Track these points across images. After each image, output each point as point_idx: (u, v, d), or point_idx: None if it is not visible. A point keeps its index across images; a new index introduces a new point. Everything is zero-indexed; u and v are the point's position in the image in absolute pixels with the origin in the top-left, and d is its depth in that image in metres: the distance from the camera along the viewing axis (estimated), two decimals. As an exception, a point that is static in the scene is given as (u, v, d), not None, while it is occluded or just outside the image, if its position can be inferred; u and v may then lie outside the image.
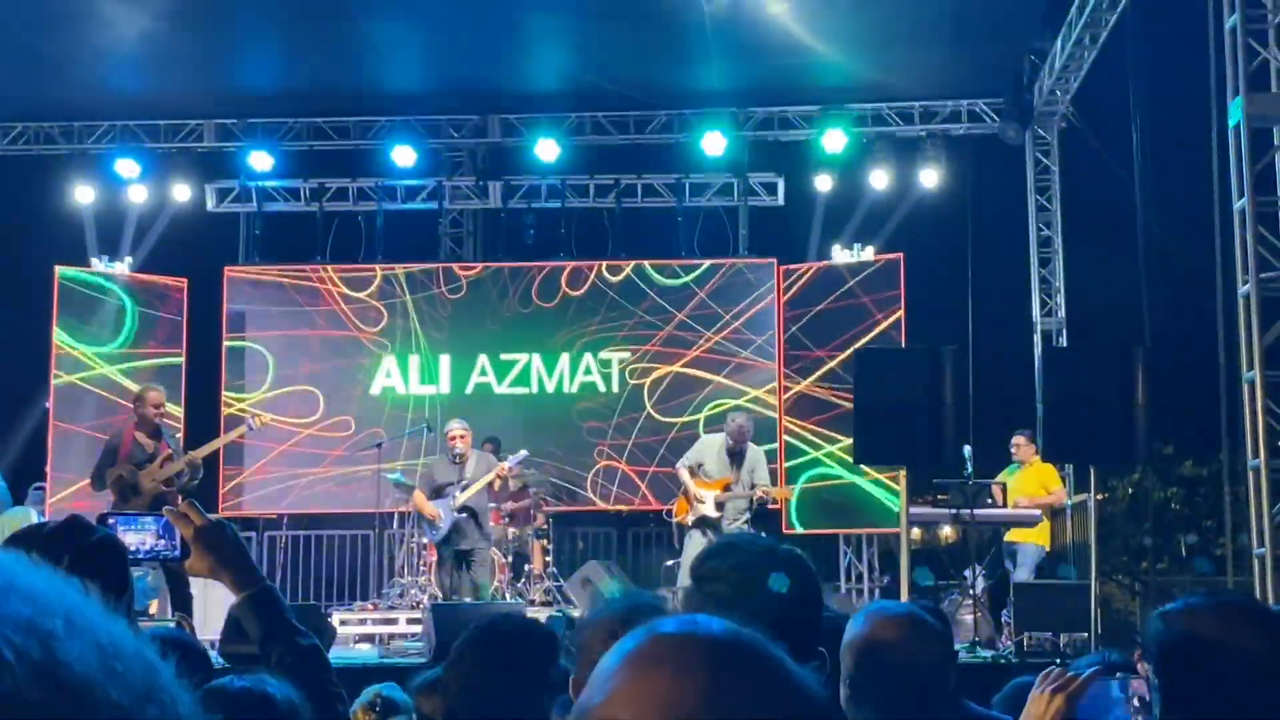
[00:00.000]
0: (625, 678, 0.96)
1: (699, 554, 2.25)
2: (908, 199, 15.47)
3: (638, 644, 1.01)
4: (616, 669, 0.98)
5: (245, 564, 2.67)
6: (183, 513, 2.65)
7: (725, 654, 1.00)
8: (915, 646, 2.84)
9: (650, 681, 0.95)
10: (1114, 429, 9.90)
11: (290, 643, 2.53)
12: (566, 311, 15.37)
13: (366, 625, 12.62)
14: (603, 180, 15.95)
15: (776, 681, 0.99)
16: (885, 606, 3.03)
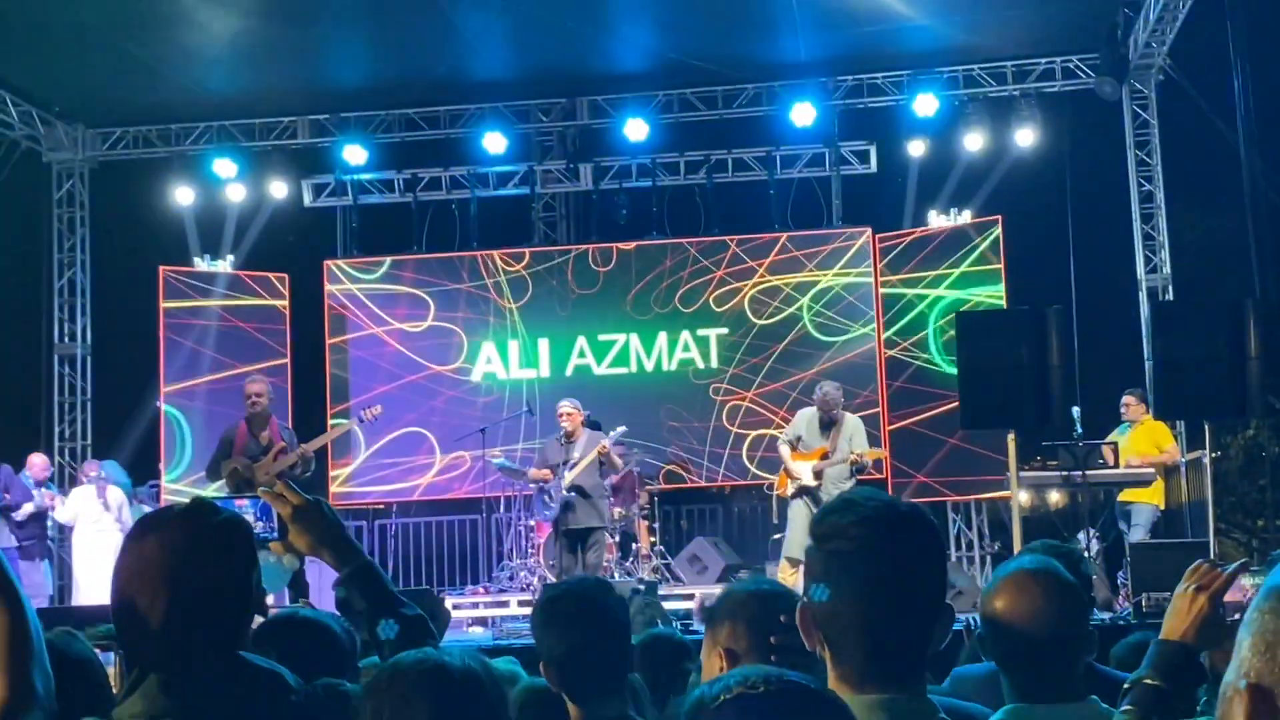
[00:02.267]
0: None
1: (819, 511, 2.22)
2: (1004, 160, 15.25)
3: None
4: None
5: (344, 540, 2.70)
6: (279, 493, 2.68)
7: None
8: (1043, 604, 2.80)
9: None
10: (1226, 383, 9.72)
11: (396, 614, 2.56)
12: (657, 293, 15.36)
13: (479, 609, 12.75)
14: (693, 157, 15.90)
15: None
16: (1020, 562, 2.97)
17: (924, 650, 2.13)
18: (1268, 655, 1.20)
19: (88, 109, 15.70)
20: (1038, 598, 2.76)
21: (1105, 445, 11.29)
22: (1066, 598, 2.81)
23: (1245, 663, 1.22)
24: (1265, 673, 1.19)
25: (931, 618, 2.12)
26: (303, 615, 3.24)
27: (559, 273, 15.57)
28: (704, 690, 1.43)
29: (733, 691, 1.41)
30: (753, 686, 1.41)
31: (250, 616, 2.24)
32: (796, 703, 1.42)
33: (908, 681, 2.10)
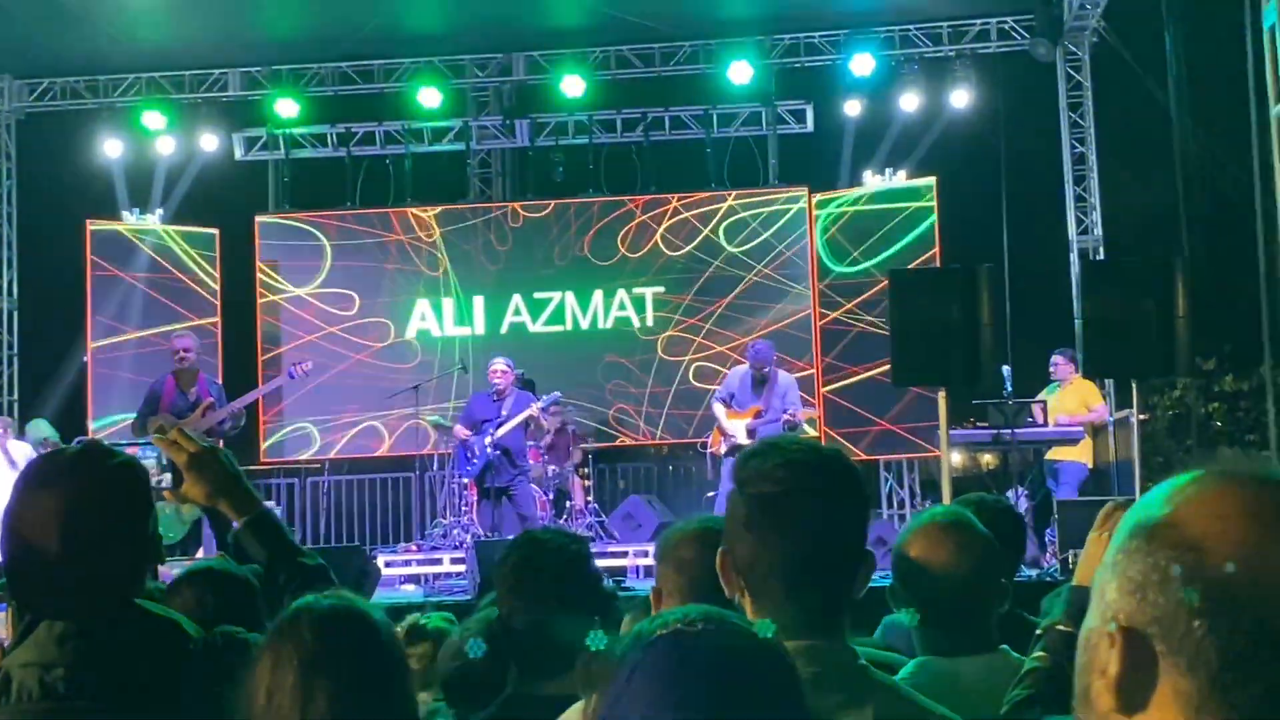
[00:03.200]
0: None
1: (741, 455, 2.19)
2: (939, 121, 15.29)
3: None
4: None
5: (242, 489, 2.62)
6: (173, 440, 2.61)
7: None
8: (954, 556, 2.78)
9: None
10: (1154, 343, 9.78)
11: (296, 564, 2.50)
12: (596, 251, 15.29)
13: (411, 566, 12.69)
14: (630, 114, 15.82)
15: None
16: (932, 513, 2.95)
17: (845, 597, 2.11)
18: (1139, 596, 1.16)
19: (14, 59, 15.39)
20: (949, 549, 2.75)
21: (1035, 404, 11.39)
22: (978, 549, 2.79)
23: (1112, 605, 1.18)
24: (1137, 614, 1.16)
25: (854, 564, 2.10)
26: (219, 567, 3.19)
27: (494, 230, 15.46)
28: (642, 626, 1.41)
29: (669, 628, 1.39)
30: (690, 624, 1.39)
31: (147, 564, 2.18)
32: (732, 643, 1.40)
33: (829, 628, 2.08)
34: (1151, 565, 1.15)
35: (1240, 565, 1.11)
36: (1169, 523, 1.17)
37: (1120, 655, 1.16)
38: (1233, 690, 1.11)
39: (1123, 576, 1.18)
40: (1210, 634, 1.11)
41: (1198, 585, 1.12)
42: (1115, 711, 1.17)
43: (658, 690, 1.33)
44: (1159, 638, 1.14)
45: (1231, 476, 1.19)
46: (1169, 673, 1.13)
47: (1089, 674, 1.19)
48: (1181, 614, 1.13)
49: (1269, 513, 1.14)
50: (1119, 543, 1.21)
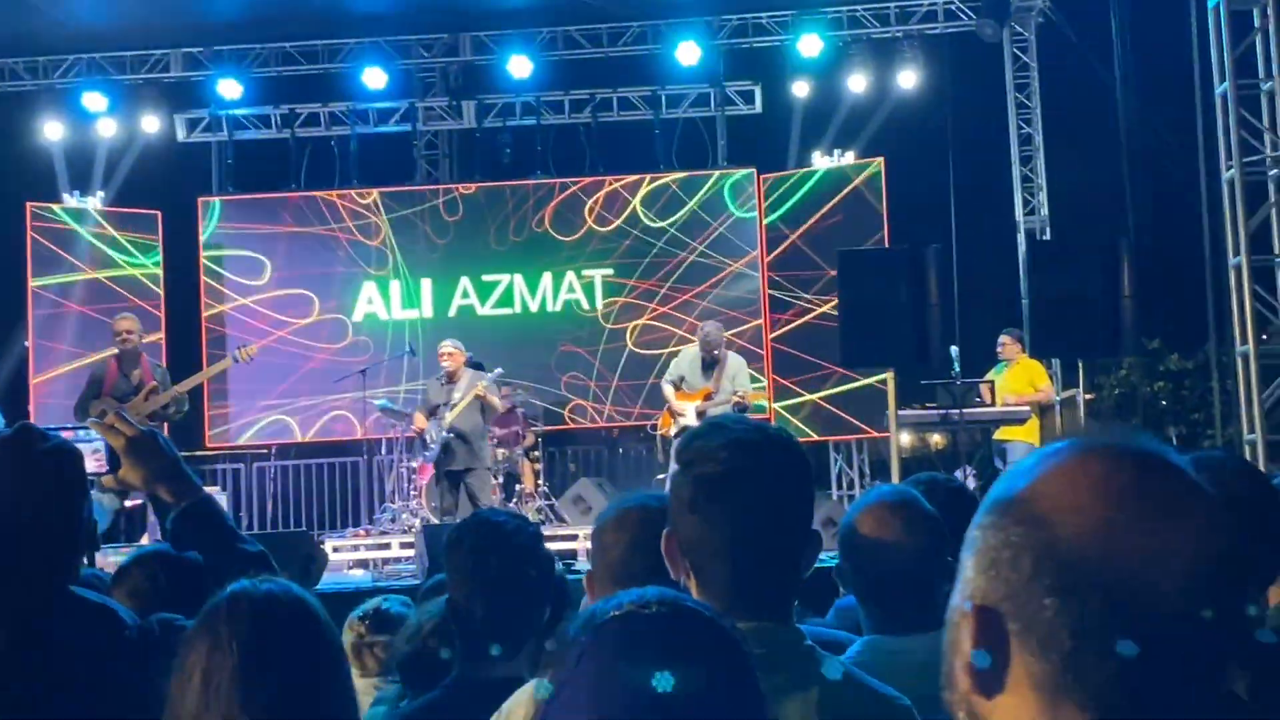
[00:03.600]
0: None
1: (685, 436, 2.17)
2: (887, 102, 15.31)
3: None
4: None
5: (180, 475, 2.58)
6: (110, 424, 2.55)
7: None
8: (902, 535, 2.77)
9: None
10: (1101, 323, 9.85)
11: (235, 551, 2.47)
12: (542, 233, 15.23)
13: (359, 551, 12.62)
14: (578, 95, 15.75)
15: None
16: (880, 492, 2.94)
17: (792, 578, 2.10)
18: (992, 573, 1.13)
19: (-49, 40, 15.14)
20: (897, 527, 2.74)
21: (982, 384, 11.45)
22: (925, 528, 2.78)
23: (969, 584, 1.15)
24: (990, 592, 1.12)
25: (800, 544, 2.09)
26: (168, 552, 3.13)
27: (441, 212, 15.37)
28: (596, 607, 1.39)
29: (624, 609, 1.36)
30: (645, 606, 1.37)
31: (80, 551, 2.13)
32: (688, 625, 1.37)
33: (776, 609, 2.07)
34: (1003, 542, 1.12)
35: (1090, 542, 1.09)
36: (1023, 498, 1.14)
37: (973, 635, 1.13)
38: (1086, 670, 1.08)
39: (978, 553, 1.15)
40: (1061, 613, 1.08)
41: (1048, 563, 1.09)
42: (973, 693, 1.14)
43: (609, 673, 1.31)
44: (1011, 617, 1.11)
45: (1089, 450, 1.15)
46: (1022, 653, 1.11)
47: (951, 654, 1.16)
48: (1032, 593, 1.09)
49: (1121, 487, 1.11)
50: (977, 519, 1.18)
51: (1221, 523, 1.12)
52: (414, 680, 3.16)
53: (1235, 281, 10.67)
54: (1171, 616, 1.08)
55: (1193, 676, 1.09)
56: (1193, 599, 1.08)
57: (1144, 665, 1.07)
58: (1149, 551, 1.08)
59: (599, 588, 2.43)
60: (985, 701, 1.13)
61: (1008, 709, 1.12)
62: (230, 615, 1.93)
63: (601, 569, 2.46)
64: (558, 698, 1.33)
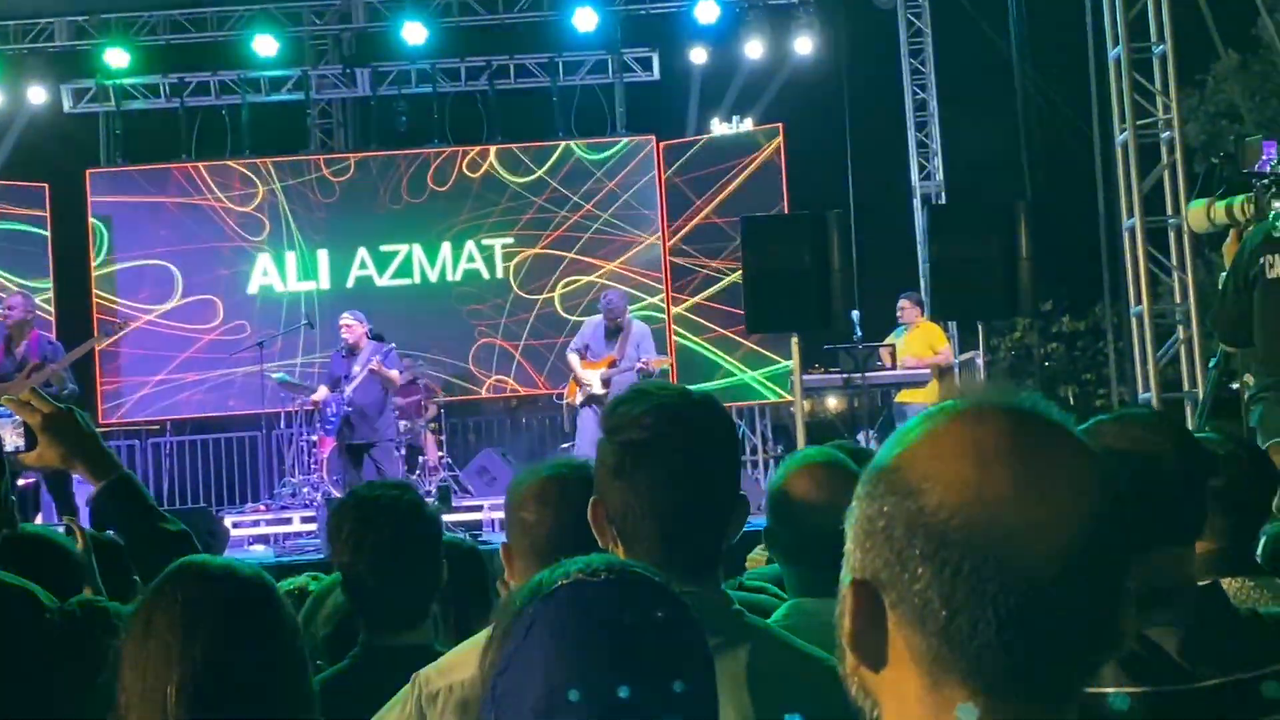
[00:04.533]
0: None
1: (611, 402, 2.15)
2: (784, 68, 15.36)
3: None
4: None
5: (99, 452, 2.54)
6: (26, 401, 2.48)
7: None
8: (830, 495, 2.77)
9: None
10: (998, 285, 9.96)
11: (157, 530, 2.42)
12: (440, 201, 15.08)
13: (260, 527, 12.50)
14: (474, 63, 15.61)
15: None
16: (805, 454, 2.95)
17: (719, 543, 2.10)
18: (868, 545, 1.11)
19: None
20: (828, 488, 2.74)
21: (883, 347, 11.55)
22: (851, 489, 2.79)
23: (849, 556, 1.13)
24: (867, 565, 1.10)
25: (726, 509, 2.09)
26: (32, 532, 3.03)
27: (337, 182, 15.15)
28: (542, 576, 1.37)
29: (571, 577, 1.35)
30: (593, 574, 1.36)
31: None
32: (637, 590, 1.36)
33: (703, 574, 2.08)
34: (877, 512, 1.10)
35: (958, 509, 1.06)
36: (895, 466, 1.11)
37: (852, 609, 1.11)
38: (963, 642, 1.06)
39: (856, 525, 1.13)
40: (934, 584, 1.06)
41: (919, 533, 1.07)
42: (859, 666, 1.12)
43: (561, 641, 1.31)
44: (888, 589, 1.09)
45: (960, 414, 1.12)
46: (900, 626, 1.09)
47: (839, 628, 1.14)
48: (906, 564, 1.07)
49: (991, 451, 1.08)
50: (856, 490, 1.15)
51: (1099, 484, 1.09)
52: (338, 660, 3.14)
53: (1129, 243, 10.85)
54: (1044, 584, 1.05)
55: (1070, 647, 1.07)
56: (1068, 564, 1.05)
57: (1019, 635, 1.05)
58: (1019, 517, 1.05)
59: (521, 561, 2.42)
60: (872, 675, 1.12)
61: (893, 682, 1.10)
62: (182, 590, 1.89)
63: (522, 541, 2.45)
64: (509, 669, 1.32)
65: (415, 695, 2.21)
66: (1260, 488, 2.99)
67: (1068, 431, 1.11)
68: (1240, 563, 2.75)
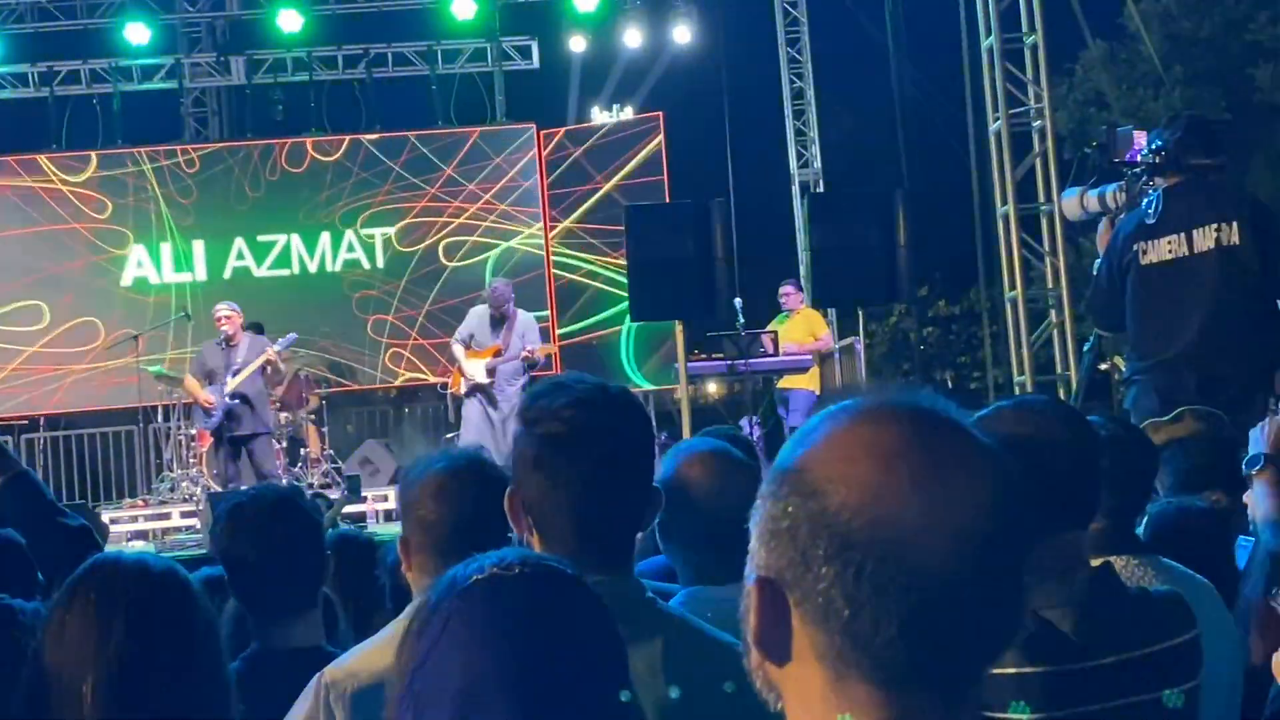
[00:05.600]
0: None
1: (529, 395, 2.18)
2: (663, 57, 15.42)
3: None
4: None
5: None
6: None
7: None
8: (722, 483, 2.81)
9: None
10: (877, 271, 10.08)
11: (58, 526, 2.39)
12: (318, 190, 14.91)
13: (139, 522, 12.28)
14: (351, 50, 15.45)
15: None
16: (693, 444, 2.99)
17: (633, 533, 2.14)
18: (772, 544, 1.11)
19: None
20: (717, 476, 2.78)
21: (765, 334, 11.66)
22: (742, 476, 2.83)
23: (754, 555, 1.14)
24: (772, 563, 1.11)
25: (641, 500, 2.12)
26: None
27: (213, 171, 14.89)
28: (456, 572, 1.38)
29: (486, 572, 1.36)
30: (507, 568, 1.37)
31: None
32: (551, 586, 1.38)
33: (617, 564, 2.11)
34: (781, 512, 1.11)
35: (860, 509, 1.07)
36: (799, 467, 1.12)
37: (757, 606, 1.12)
38: (866, 639, 1.07)
39: (761, 524, 1.14)
40: (837, 583, 1.07)
41: (823, 533, 1.08)
42: (764, 663, 1.14)
43: (477, 636, 1.32)
44: (792, 588, 1.10)
45: (861, 413, 1.13)
46: (804, 623, 1.10)
47: (743, 624, 1.15)
48: (810, 563, 1.08)
49: (891, 450, 1.09)
50: (760, 489, 1.16)
51: (997, 480, 1.11)
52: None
53: (1003, 229, 11.09)
54: (945, 579, 1.06)
55: (971, 639, 1.10)
56: (967, 560, 1.07)
57: (921, 631, 1.06)
58: (919, 516, 1.06)
59: (420, 556, 2.43)
60: (777, 670, 1.13)
61: (797, 678, 1.12)
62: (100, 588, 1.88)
63: (421, 538, 2.45)
64: (426, 664, 1.33)
65: (322, 695, 2.21)
66: (1142, 467, 3.09)
67: (966, 430, 1.13)
68: (1125, 541, 2.83)
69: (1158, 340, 5.62)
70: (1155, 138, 5.64)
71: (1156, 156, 5.57)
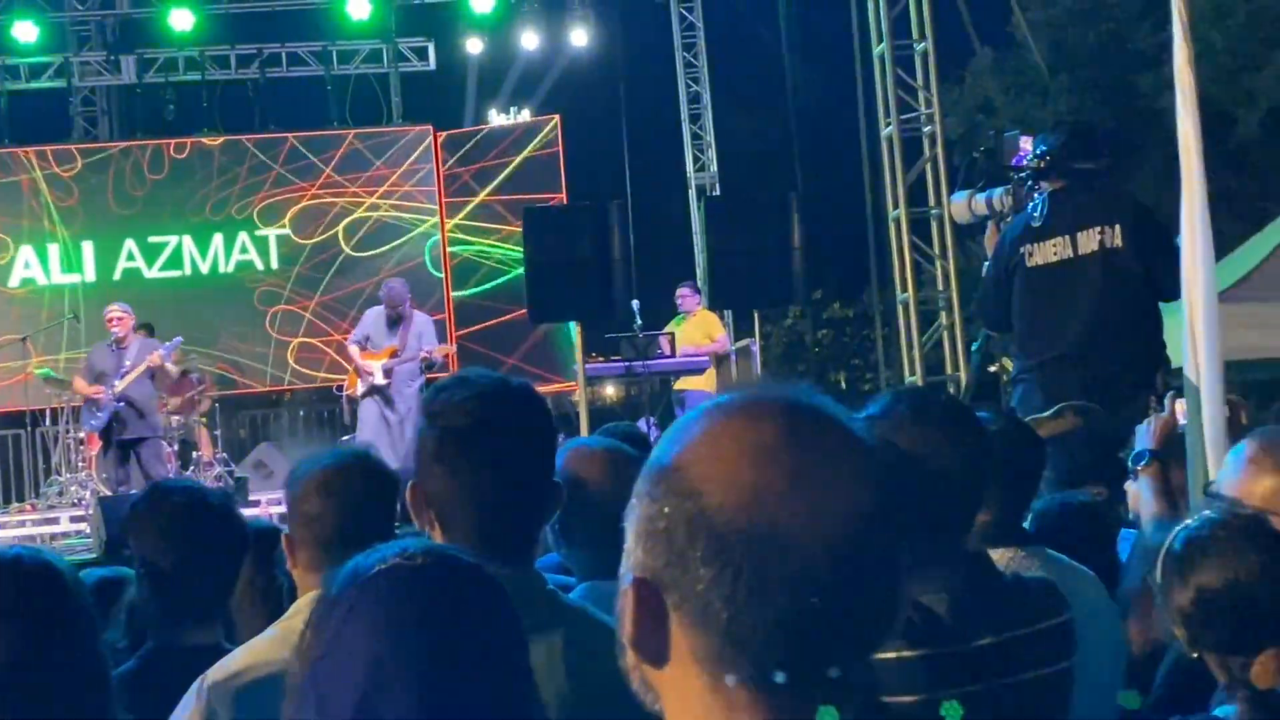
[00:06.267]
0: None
1: (431, 389, 2.20)
2: (560, 59, 15.44)
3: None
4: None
5: None
6: None
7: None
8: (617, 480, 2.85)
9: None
10: (773, 274, 10.20)
11: None
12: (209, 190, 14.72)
13: (26, 527, 12.04)
14: (244, 50, 15.27)
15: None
16: (588, 441, 3.03)
17: (534, 527, 2.17)
18: (649, 544, 1.09)
19: None
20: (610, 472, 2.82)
21: (663, 336, 11.73)
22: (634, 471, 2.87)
23: (629, 555, 1.12)
24: (648, 564, 1.09)
25: (543, 493, 2.16)
26: None
27: (102, 171, 14.65)
28: (358, 561, 1.39)
29: (388, 562, 1.37)
30: (410, 558, 1.38)
31: None
32: (453, 575, 1.40)
33: (519, 556, 2.13)
34: (658, 513, 1.09)
35: (737, 508, 1.06)
36: (675, 466, 1.10)
37: (633, 608, 1.10)
38: (744, 641, 1.06)
39: (636, 524, 1.12)
40: (716, 583, 1.05)
41: (700, 533, 1.06)
42: (640, 664, 1.12)
43: (380, 625, 1.32)
44: (670, 589, 1.08)
45: (735, 410, 1.12)
46: (681, 624, 1.08)
47: (619, 626, 1.12)
48: (687, 564, 1.06)
49: (766, 447, 1.08)
50: (637, 485, 1.14)
51: (873, 475, 1.10)
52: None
53: (894, 233, 11.26)
54: (824, 578, 1.05)
55: (850, 635, 1.09)
56: (844, 557, 1.06)
57: (799, 631, 1.06)
58: (796, 514, 1.05)
59: (306, 552, 2.44)
60: (654, 671, 1.11)
61: (675, 679, 1.10)
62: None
63: (306, 533, 2.46)
64: (328, 655, 1.33)
65: (204, 696, 2.21)
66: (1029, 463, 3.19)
67: (841, 425, 1.12)
68: (1012, 533, 2.92)
69: (1044, 340, 5.75)
70: (1040, 143, 5.78)
71: (1041, 161, 5.71)
